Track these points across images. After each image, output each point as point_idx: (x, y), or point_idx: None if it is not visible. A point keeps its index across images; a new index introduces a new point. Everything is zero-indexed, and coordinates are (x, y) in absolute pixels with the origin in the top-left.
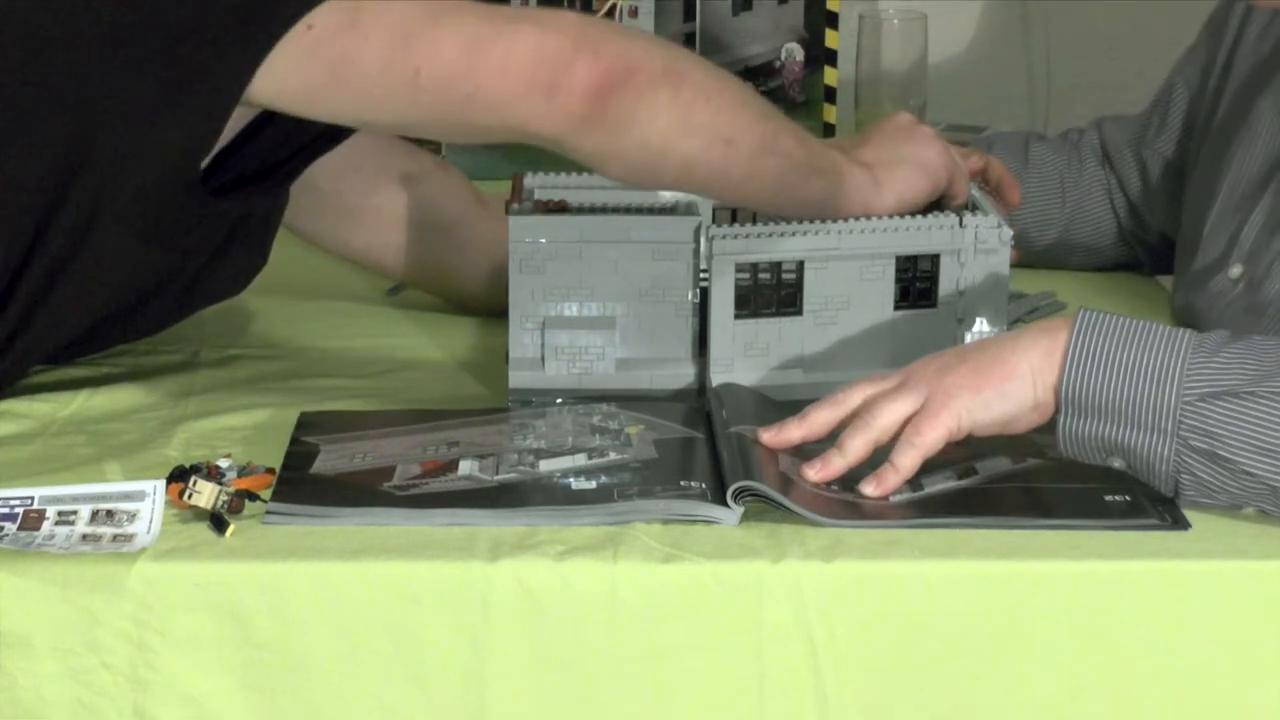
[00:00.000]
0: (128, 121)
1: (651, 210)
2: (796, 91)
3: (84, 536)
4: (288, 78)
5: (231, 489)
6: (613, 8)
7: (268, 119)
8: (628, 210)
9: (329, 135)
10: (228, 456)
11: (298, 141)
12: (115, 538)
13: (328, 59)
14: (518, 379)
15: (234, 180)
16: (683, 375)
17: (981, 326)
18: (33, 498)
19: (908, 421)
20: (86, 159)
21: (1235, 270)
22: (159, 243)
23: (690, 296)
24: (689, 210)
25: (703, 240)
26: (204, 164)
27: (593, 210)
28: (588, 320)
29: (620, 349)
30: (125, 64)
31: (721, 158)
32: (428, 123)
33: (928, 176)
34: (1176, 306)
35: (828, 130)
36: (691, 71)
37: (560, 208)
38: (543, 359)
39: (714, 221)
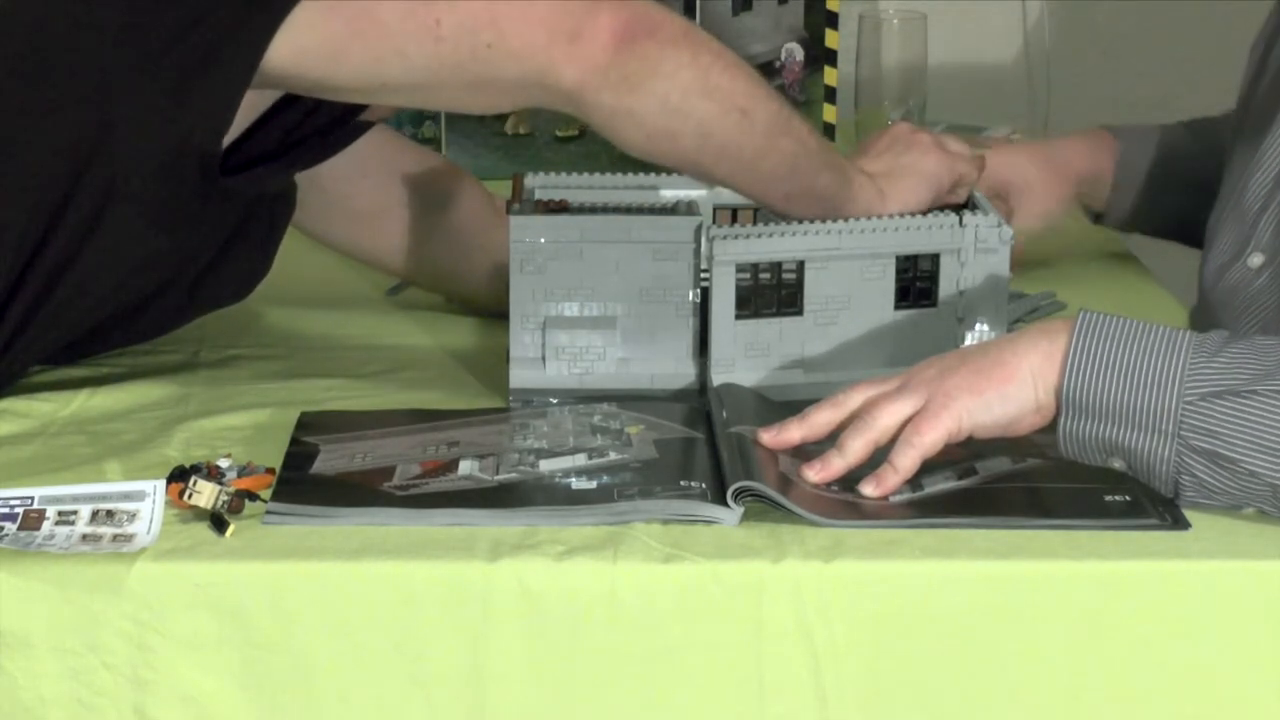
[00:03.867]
0: (144, 111)
1: (652, 210)
2: (796, 91)
3: (84, 536)
4: (306, 38)
5: (231, 489)
6: None
7: (279, 108)
8: (628, 210)
9: (338, 134)
10: (228, 456)
11: (310, 126)
12: (115, 538)
13: (347, 14)
14: (518, 379)
15: (245, 164)
16: (683, 375)
17: (981, 326)
18: (33, 498)
19: (908, 422)
20: (99, 154)
21: (1255, 260)
22: (169, 228)
23: (691, 296)
24: (689, 210)
25: (703, 240)
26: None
27: (593, 210)
28: (588, 320)
29: (621, 349)
30: (139, 56)
31: (737, 127)
32: (446, 79)
33: (930, 186)
34: (1195, 300)
35: (828, 130)
36: (710, 39)
37: (561, 208)
38: (543, 359)
39: (714, 221)
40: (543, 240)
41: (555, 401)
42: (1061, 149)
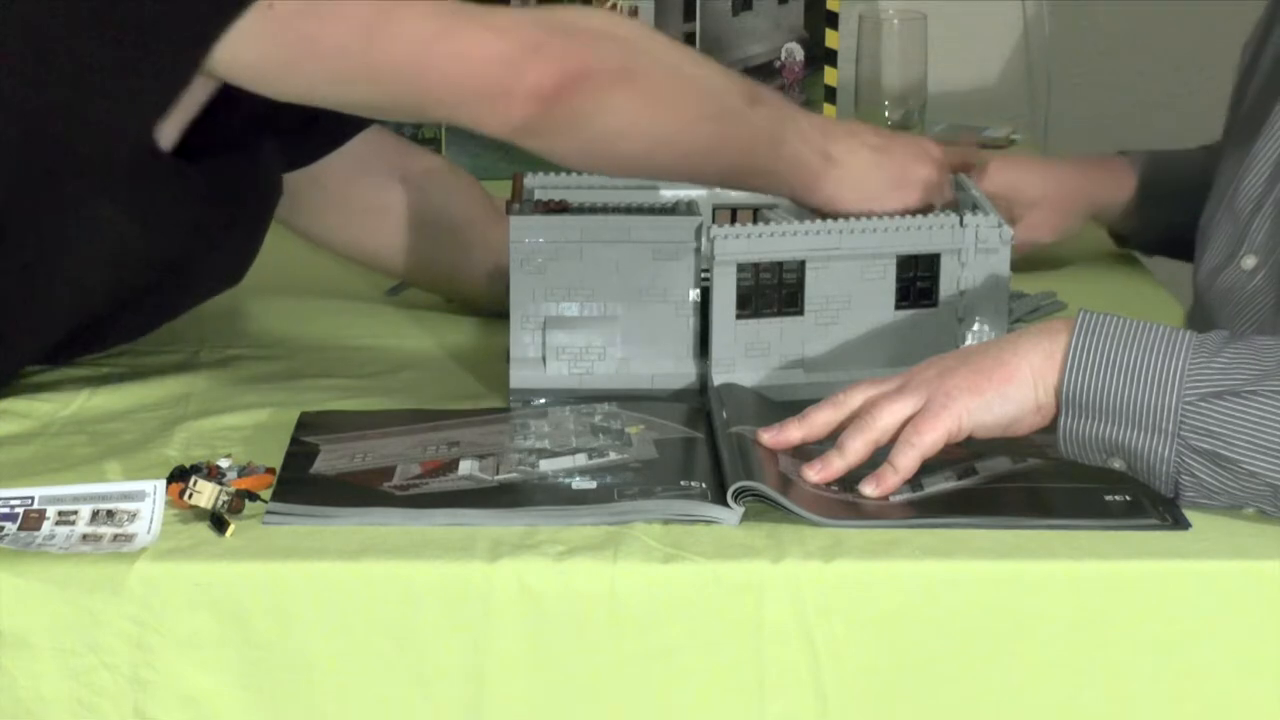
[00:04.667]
0: (90, 92)
1: (652, 210)
2: (796, 91)
3: (84, 536)
4: (246, 54)
5: (231, 489)
6: (613, 7)
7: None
8: (628, 210)
9: (330, 133)
10: (228, 456)
11: (267, 108)
12: (115, 538)
13: (288, 40)
14: (519, 379)
15: (209, 149)
16: (683, 375)
17: (982, 326)
18: (33, 498)
19: (908, 423)
20: (60, 141)
21: (1249, 261)
22: (144, 217)
23: (690, 296)
24: (689, 210)
25: (704, 240)
26: (177, 135)
27: (593, 210)
28: (588, 320)
29: (621, 349)
30: (88, 37)
31: (664, 157)
32: (382, 110)
33: (864, 201)
34: (1190, 301)
35: None
36: (648, 72)
37: (561, 208)
38: (544, 359)
39: (713, 221)
40: (543, 240)
41: (545, 401)
42: (1078, 174)
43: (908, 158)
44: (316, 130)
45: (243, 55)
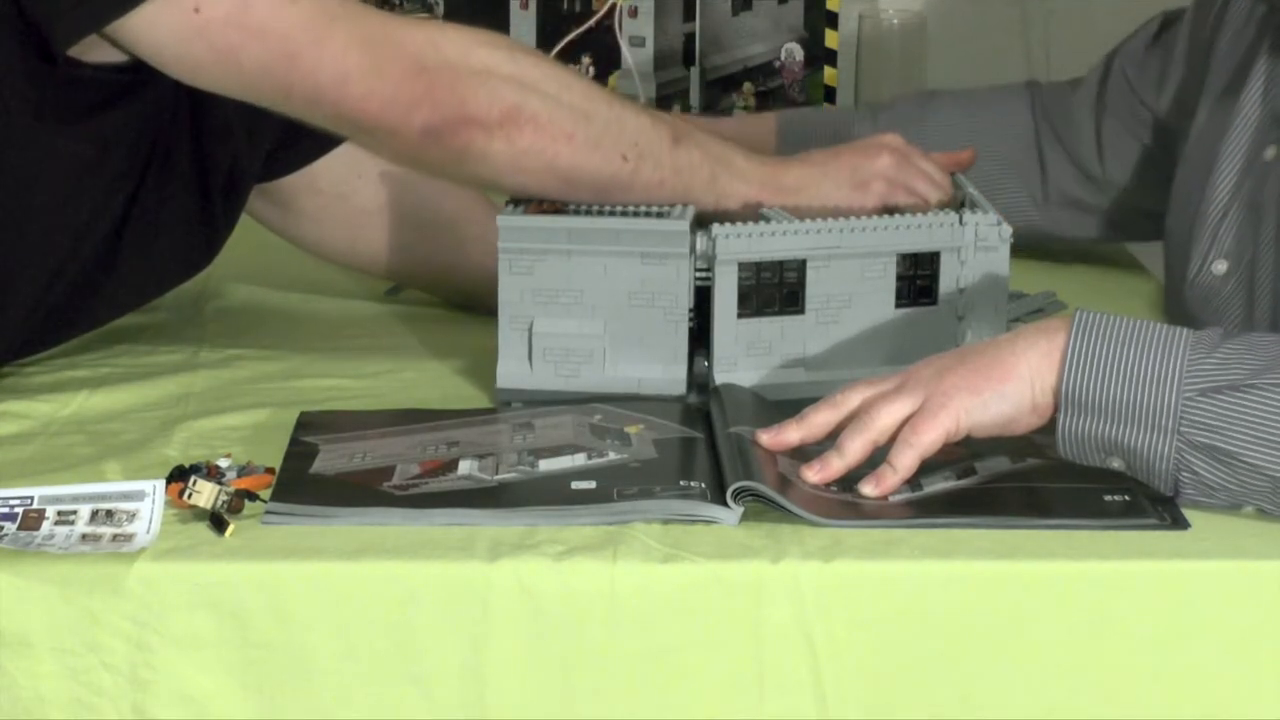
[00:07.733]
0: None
1: (642, 214)
2: (796, 91)
3: (83, 536)
4: (167, 48)
5: (231, 489)
6: (612, 8)
7: None
8: (618, 214)
9: (322, 136)
10: (227, 456)
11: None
12: (115, 537)
13: (213, 46)
14: (505, 379)
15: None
16: (670, 379)
17: (981, 324)
18: (32, 497)
19: (906, 422)
20: None
21: (1220, 266)
22: (68, 126)
23: (680, 301)
24: (681, 214)
25: (705, 239)
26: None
27: (583, 213)
28: (576, 323)
29: (609, 352)
30: None
31: (558, 191)
32: (296, 116)
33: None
34: (1169, 305)
35: None
36: (537, 115)
37: (557, 209)
38: (530, 360)
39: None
40: (531, 242)
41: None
42: (729, 125)
43: (855, 156)
44: (308, 133)
45: (160, 47)
